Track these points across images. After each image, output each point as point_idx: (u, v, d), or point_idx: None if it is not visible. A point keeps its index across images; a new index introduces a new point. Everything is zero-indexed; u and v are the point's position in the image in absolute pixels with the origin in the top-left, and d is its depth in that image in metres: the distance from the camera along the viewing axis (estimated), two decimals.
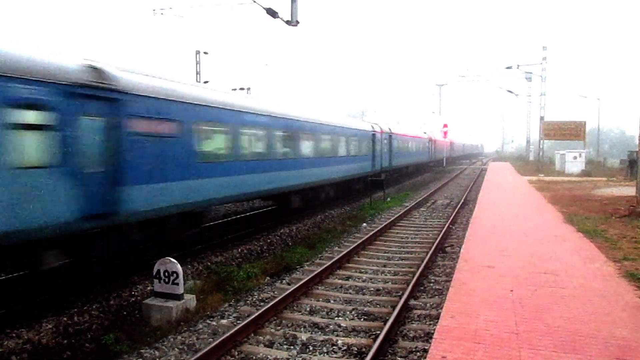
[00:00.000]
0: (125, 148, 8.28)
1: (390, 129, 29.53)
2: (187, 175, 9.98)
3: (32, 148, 6.84)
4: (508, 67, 44.81)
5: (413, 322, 7.19)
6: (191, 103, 10.22)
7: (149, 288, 8.63)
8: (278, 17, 13.31)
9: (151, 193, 8.93)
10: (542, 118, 42.90)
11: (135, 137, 8.54)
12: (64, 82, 7.15)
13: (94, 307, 7.79)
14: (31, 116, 6.81)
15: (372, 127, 25.80)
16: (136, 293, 8.60)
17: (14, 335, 6.62)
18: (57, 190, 7.00)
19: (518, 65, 44.58)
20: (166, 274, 7.65)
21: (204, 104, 10.73)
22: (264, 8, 13.15)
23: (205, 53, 30.91)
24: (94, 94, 7.69)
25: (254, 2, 12.96)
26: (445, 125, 53.95)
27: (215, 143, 11.71)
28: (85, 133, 7.53)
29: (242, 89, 31.52)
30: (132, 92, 8.48)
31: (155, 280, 7.76)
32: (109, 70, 8.19)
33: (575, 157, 38.61)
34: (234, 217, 16.75)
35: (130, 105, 8.43)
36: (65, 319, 7.24)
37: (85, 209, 7.41)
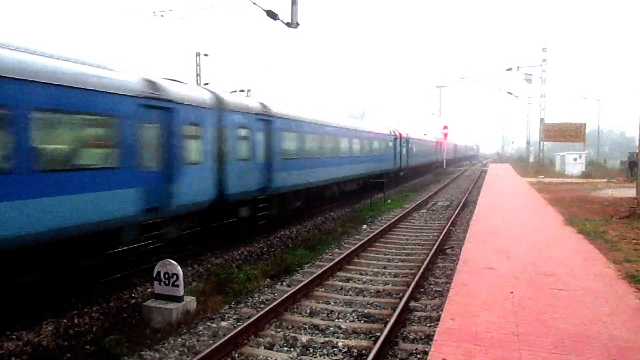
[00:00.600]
0: None
1: (271, 110, 14.65)
2: None
3: None
4: (508, 69, 44.64)
5: (413, 324, 7.19)
6: None
7: (149, 290, 8.64)
8: (278, 19, 13.31)
9: None
10: (542, 119, 42.91)
11: None
12: None
13: (94, 309, 7.81)
14: None
15: (218, 99, 11.52)
16: (136, 295, 8.61)
17: (13, 337, 6.63)
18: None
19: (518, 67, 44.51)
20: (166, 275, 7.64)
21: None
22: (264, 10, 13.15)
23: (206, 55, 30.94)
24: None
25: (254, 4, 12.96)
26: (445, 127, 53.92)
27: None
28: None
29: (242, 90, 31.52)
30: None
31: (156, 282, 7.76)
32: None
33: (575, 159, 38.62)
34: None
35: None
36: (65, 320, 7.25)
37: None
